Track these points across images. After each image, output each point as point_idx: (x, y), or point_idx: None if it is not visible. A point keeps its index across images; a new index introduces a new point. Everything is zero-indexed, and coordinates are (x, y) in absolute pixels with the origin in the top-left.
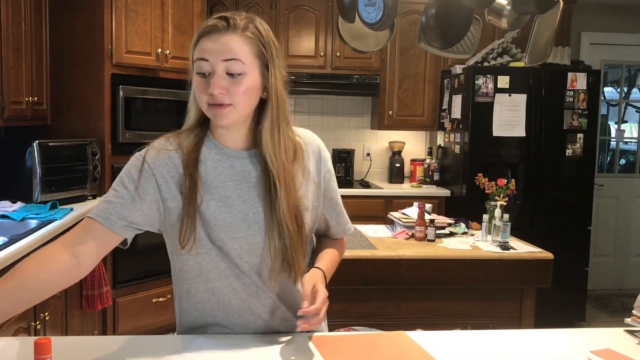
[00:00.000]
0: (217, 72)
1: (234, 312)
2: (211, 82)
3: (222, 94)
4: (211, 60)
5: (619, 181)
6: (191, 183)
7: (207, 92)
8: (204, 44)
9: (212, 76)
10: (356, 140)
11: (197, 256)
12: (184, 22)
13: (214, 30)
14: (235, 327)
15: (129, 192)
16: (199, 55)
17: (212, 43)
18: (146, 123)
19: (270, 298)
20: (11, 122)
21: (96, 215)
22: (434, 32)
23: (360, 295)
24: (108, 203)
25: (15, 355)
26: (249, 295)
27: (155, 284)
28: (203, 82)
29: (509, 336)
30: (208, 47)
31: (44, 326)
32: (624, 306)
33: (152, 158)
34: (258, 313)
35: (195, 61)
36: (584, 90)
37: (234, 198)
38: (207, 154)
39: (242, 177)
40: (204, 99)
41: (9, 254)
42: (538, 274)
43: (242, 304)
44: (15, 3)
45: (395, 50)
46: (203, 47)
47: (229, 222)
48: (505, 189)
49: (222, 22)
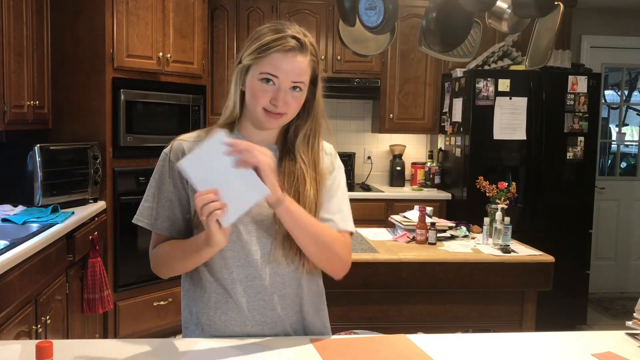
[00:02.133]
0: (283, 88)
1: (233, 307)
2: (278, 95)
3: (285, 106)
4: (281, 78)
5: (620, 184)
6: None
7: (268, 99)
8: (277, 60)
9: (278, 89)
10: (357, 143)
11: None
12: (185, 26)
13: (287, 49)
14: (233, 322)
15: (154, 193)
16: (270, 71)
17: (286, 63)
18: (147, 127)
19: (272, 293)
20: (13, 126)
21: (137, 220)
22: (434, 36)
23: (362, 298)
24: (149, 208)
25: (17, 358)
26: (250, 288)
27: (156, 288)
28: (266, 88)
29: (510, 339)
30: (282, 65)
31: (45, 330)
32: (625, 309)
33: (174, 151)
34: (256, 308)
35: (263, 73)
36: (584, 94)
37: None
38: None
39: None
40: (262, 104)
41: (11, 257)
42: (539, 277)
43: (240, 298)
44: (17, 7)
45: (396, 53)
46: (277, 64)
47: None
48: (506, 192)
49: (294, 41)
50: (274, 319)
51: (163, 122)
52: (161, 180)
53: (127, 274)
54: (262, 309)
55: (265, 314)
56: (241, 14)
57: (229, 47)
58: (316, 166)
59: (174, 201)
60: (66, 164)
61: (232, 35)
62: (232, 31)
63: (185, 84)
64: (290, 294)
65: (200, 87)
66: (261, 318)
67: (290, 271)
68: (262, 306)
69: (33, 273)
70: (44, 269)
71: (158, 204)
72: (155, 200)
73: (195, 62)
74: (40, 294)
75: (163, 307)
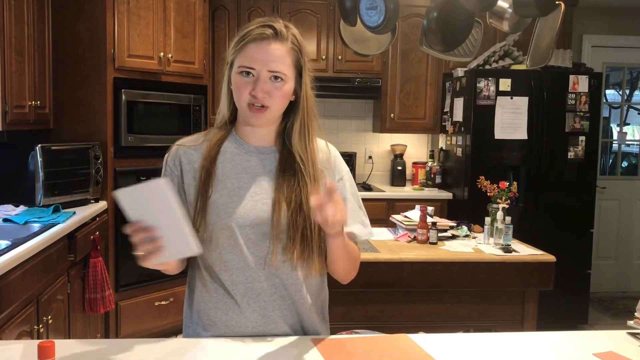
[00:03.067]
0: (261, 78)
1: (234, 307)
2: (257, 86)
3: (265, 97)
4: (258, 68)
5: (621, 184)
6: (206, 176)
7: (249, 93)
8: (251, 51)
9: (256, 80)
10: (358, 143)
11: (204, 245)
12: (186, 26)
13: (261, 38)
14: (234, 323)
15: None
16: (246, 63)
17: (261, 52)
18: (148, 126)
19: (272, 294)
20: (14, 126)
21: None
22: (435, 35)
23: (362, 298)
24: None
25: (19, 358)
26: (250, 290)
27: (158, 288)
28: (245, 81)
29: (511, 339)
30: (256, 55)
31: (47, 330)
32: (626, 309)
33: (172, 157)
34: (257, 309)
35: (241, 67)
36: (585, 93)
37: (245, 189)
38: (227, 148)
39: (258, 170)
40: (245, 99)
41: (12, 257)
42: (540, 277)
43: (241, 299)
44: (18, 7)
45: (397, 53)
46: (251, 54)
47: (238, 211)
48: (507, 192)
49: (269, 30)
50: (274, 319)
51: (164, 122)
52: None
53: (128, 273)
54: (262, 310)
55: (266, 314)
56: (242, 14)
57: (229, 47)
58: (314, 164)
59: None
60: (67, 164)
61: (233, 35)
62: (233, 31)
63: (187, 84)
64: (291, 296)
65: (201, 87)
66: (262, 319)
67: (289, 273)
68: (262, 307)
69: (35, 273)
70: (45, 269)
71: None
72: None
73: (196, 62)
74: (42, 293)
75: (164, 307)
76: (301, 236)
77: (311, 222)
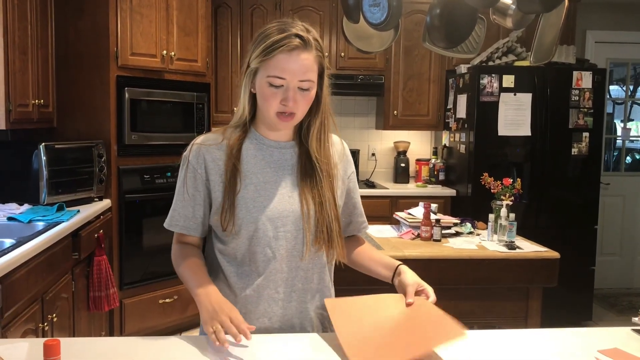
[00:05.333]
0: (292, 88)
1: (252, 298)
2: (287, 96)
3: (295, 105)
4: (288, 79)
5: (625, 180)
6: (232, 173)
7: (278, 101)
8: (281, 62)
9: (286, 90)
10: (361, 140)
11: (232, 239)
12: (188, 24)
13: (290, 49)
14: (251, 314)
15: (184, 195)
16: (277, 74)
17: (291, 63)
18: (152, 124)
19: (291, 289)
20: (18, 125)
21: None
22: (438, 32)
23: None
24: (174, 211)
25: (24, 356)
26: (271, 282)
27: (162, 285)
28: (275, 91)
29: (515, 336)
30: (286, 66)
31: (51, 328)
32: (631, 305)
33: (194, 156)
34: (275, 301)
35: (270, 77)
36: (589, 89)
37: (271, 183)
38: (249, 145)
39: (281, 165)
40: (275, 108)
41: (17, 256)
42: (544, 274)
43: (262, 291)
44: (21, 6)
45: (400, 50)
46: (282, 66)
47: (266, 204)
48: (511, 189)
49: (297, 40)
50: (301, 310)
51: (167, 120)
52: (184, 181)
53: (132, 271)
54: (282, 302)
55: (285, 306)
56: (245, 12)
57: (232, 44)
58: (329, 161)
59: (195, 199)
60: (71, 162)
61: (236, 32)
62: (236, 29)
63: (190, 82)
64: (317, 285)
65: (204, 84)
66: (280, 310)
67: (316, 264)
68: (282, 299)
69: (39, 271)
70: (49, 267)
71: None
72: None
73: (199, 60)
74: (47, 292)
75: (169, 305)
76: (327, 228)
77: (336, 213)
